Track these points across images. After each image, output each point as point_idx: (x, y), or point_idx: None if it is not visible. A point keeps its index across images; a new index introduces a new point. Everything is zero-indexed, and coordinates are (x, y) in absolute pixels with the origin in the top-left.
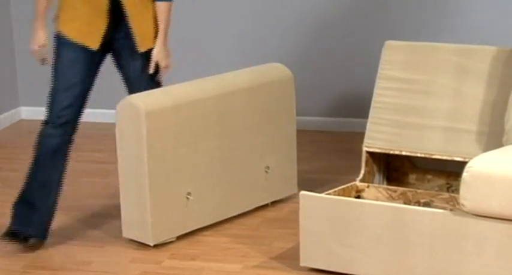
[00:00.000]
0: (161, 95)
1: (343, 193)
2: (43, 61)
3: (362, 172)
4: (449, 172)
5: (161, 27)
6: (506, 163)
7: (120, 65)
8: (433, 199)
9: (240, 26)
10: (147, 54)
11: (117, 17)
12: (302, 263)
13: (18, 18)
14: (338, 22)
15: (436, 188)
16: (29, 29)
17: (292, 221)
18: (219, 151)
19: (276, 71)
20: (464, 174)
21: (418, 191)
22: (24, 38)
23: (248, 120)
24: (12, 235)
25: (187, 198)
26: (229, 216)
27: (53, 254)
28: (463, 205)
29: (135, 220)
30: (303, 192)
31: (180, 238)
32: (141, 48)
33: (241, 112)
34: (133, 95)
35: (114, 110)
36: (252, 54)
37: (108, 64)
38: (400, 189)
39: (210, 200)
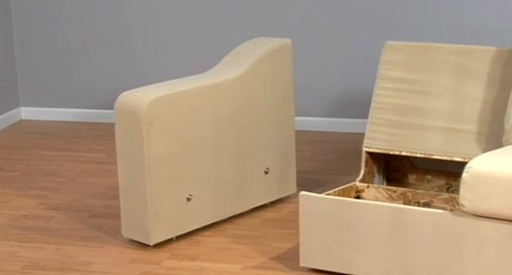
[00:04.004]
0: (161, 95)
1: (343, 193)
2: None
3: (362, 172)
4: (449, 172)
5: None
6: (506, 163)
7: None
8: (432, 199)
9: (240, 26)
10: None
11: None
12: (302, 264)
13: (19, 18)
14: (338, 22)
15: (436, 189)
16: (29, 29)
17: (292, 222)
18: (218, 151)
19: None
20: (464, 174)
21: (418, 191)
22: (24, 38)
23: (248, 120)
24: None
25: (187, 198)
26: (229, 216)
27: (53, 254)
28: (463, 205)
29: (135, 220)
30: (302, 192)
31: (180, 238)
32: None
33: (241, 112)
34: (133, 95)
35: (114, 110)
36: None
37: (108, 64)
38: (400, 189)
39: (209, 200)
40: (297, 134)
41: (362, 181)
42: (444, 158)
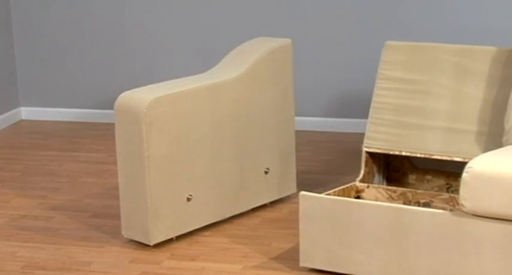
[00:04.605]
0: (161, 95)
1: (343, 193)
2: None
3: (362, 172)
4: (449, 172)
5: None
6: (506, 163)
7: None
8: (432, 199)
9: (240, 26)
10: None
11: None
12: (302, 264)
13: (18, 18)
14: (338, 22)
15: (436, 189)
16: (29, 29)
17: (292, 222)
18: (218, 151)
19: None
20: (464, 174)
21: (418, 191)
22: (24, 38)
23: (248, 120)
24: None
25: (187, 198)
26: (229, 216)
27: (53, 254)
28: (462, 205)
29: (135, 220)
30: (302, 192)
31: (180, 238)
32: None
33: (241, 113)
34: (133, 95)
35: (114, 110)
36: None
37: (108, 64)
38: (400, 189)
39: (209, 200)
40: (297, 134)
41: (362, 181)
42: (444, 158)
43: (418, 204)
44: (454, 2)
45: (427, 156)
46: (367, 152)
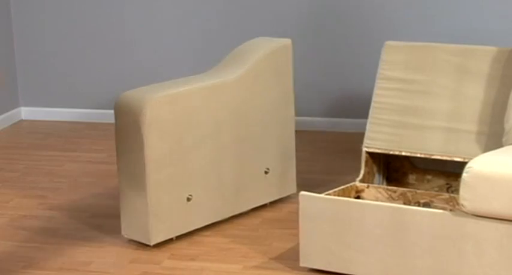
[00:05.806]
0: (161, 95)
1: (343, 193)
2: None
3: (362, 172)
4: (449, 172)
5: None
6: (506, 163)
7: None
8: (432, 199)
9: (240, 26)
10: None
11: None
12: (302, 264)
13: (18, 18)
14: (338, 22)
15: (436, 189)
16: (29, 29)
17: (292, 222)
18: (218, 151)
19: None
20: (464, 174)
21: (418, 191)
22: (24, 38)
23: (248, 120)
24: None
25: (187, 198)
26: (229, 216)
27: (53, 255)
28: (462, 205)
29: (135, 220)
30: (302, 192)
31: (180, 238)
32: None
33: (241, 113)
34: (133, 95)
35: (114, 110)
36: None
37: (108, 64)
38: (400, 189)
39: (209, 201)
40: (297, 134)
41: (362, 181)
42: (444, 158)
43: (418, 204)
44: (454, 2)
45: (427, 156)
46: (367, 152)
